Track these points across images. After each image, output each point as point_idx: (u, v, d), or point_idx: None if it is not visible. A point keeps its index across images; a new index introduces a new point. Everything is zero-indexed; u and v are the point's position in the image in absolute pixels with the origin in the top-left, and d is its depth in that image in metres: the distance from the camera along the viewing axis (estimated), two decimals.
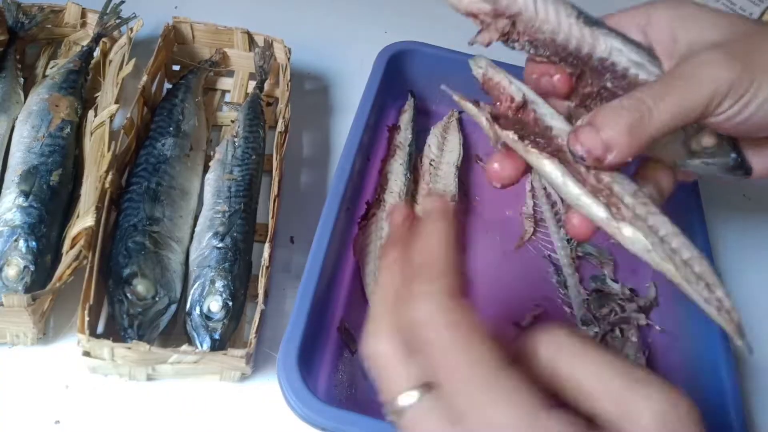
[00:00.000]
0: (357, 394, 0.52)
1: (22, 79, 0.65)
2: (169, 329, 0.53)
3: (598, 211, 0.38)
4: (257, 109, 0.65)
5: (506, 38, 0.44)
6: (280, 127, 0.62)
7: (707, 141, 0.43)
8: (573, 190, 0.39)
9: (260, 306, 0.50)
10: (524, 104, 0.42)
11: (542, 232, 0.64)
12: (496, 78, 0.43)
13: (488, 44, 0.44)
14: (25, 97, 0.64)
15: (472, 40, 0.45)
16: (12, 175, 0.57)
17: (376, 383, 0.31)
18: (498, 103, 0.43)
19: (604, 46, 0.42)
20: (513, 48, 0.44)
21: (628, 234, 0.37)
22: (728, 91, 0.38)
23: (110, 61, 0.68)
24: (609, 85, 0.43)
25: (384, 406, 0.30)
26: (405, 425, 0.29)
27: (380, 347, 0.30)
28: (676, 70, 0.40)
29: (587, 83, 0.43)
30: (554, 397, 0.28)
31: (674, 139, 0.43)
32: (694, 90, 0.38)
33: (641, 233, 0.37)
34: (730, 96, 0.38)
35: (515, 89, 0.42)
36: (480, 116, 0.42)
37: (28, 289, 0.51)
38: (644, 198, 0.39)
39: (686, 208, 0.62)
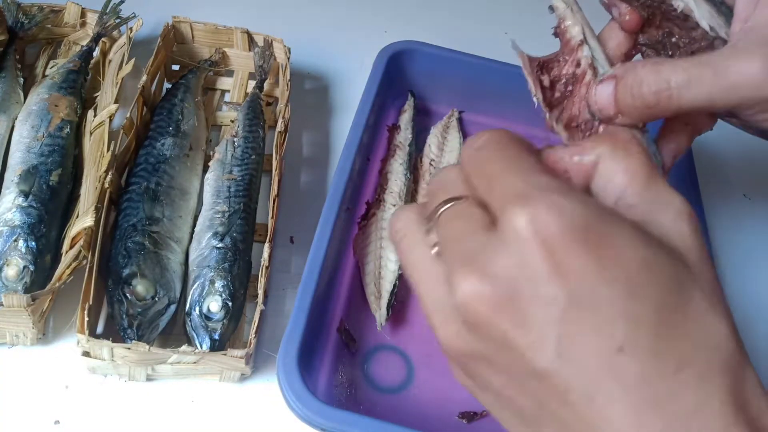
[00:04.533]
0: (357, 394, 0.52)
1: (21, 79, 0.65)
2: (168, 329, 0.53)
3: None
4: (257, 109, 0.65)
5: None
6: (279, 126, 0.62)
7: None
8: None
9: (260, 306, 0.50)
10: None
11: None
12: (570, 33, 0.41)
13: None
14: (25, 97, 0.64)
15: None
16: (12, 175, 0.57)
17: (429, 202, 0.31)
18: (560, 60, 0.41)
19: (681, 2, 0.42)
20: None
21: None
22: (758, 98, 0.37)
23: (110, 61, 0.68)
24: (674, 38, 0.43)
25: (427, 220, 0.30)
26: (441, 222, 0.29)
27: (442, 174, 0.31)
28: (714, 54, 0.38)
29: (656, 24, 0.43)
30: None
31: None
32: (722, 88, 0.37)
33: None
34: (761, 104, 0.37)
35: (585, 53, 0.41)
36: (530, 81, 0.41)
37: (27, 289, 0.51)
38: None
39: None
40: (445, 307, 0.28)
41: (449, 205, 0.29)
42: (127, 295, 0.51)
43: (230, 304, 0.52)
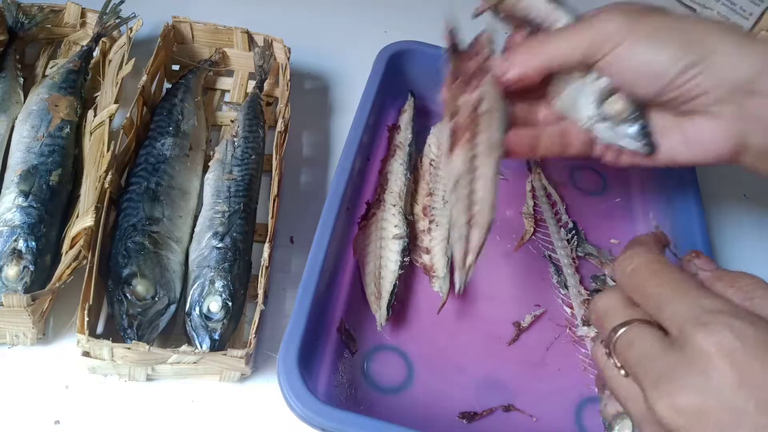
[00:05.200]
0: (357, 394, 0.52)
1: (21, 79, 0.65)
2: (168, 329, 0.53)
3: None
4: (257, 109, 0.65)
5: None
6: (279, 126, 0.62)
7: (617, 105, 0.48)
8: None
9: (260, 306, 0.50)
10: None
11: (542, 232, 0.64)
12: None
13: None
14: (25, 97, 0.64)
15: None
16: (12, 175, 0.57)
17: (598, 328, 0.38)
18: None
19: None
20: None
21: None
22: (608, 39, 0.46)
23: (110, 61, 0.68)
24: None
25: (604, 346, 0.37)
26: (619, 349, 0.35)
27: (603, 301, 0.38)
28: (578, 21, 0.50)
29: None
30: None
31: (587, 93, 0.49)
32: (584, 33, 0.47)
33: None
34: (610, 42, 0.46)
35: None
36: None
37: (27, 290, 0.51)
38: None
39: (686, 207, 0.62)
40: (650, 421, 0.33)
41: (622, 330, 0.35)
42: (127, 295, 0.51)
43: (230, 304, 0.52)
